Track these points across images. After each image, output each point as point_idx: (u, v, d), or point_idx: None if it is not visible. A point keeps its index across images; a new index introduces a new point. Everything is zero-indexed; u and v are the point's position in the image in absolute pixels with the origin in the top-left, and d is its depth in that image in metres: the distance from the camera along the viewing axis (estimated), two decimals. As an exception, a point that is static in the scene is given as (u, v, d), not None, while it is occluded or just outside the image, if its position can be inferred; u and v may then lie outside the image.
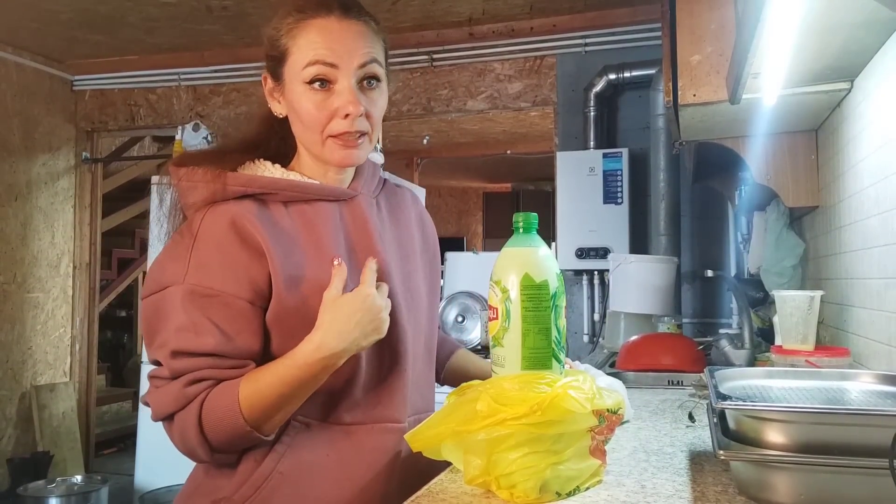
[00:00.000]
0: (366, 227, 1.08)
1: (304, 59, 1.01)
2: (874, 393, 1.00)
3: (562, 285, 0.96)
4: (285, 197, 1.04)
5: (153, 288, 1.00)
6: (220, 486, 1.01)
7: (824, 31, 1.32)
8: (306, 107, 1.02)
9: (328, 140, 1.03)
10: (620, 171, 3.41)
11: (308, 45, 1.01)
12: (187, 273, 0.97)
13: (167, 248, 1.03)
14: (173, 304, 0.96)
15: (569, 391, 0.85)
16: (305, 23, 1.02)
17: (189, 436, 0.95)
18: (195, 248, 0.98)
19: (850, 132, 1.70)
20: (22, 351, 4.14)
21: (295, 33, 1.02)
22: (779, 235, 2.34)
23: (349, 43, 1.01)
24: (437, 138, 5.80)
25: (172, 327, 0.96)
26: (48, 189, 4.33)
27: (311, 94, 1.01)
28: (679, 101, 1.74)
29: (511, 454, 0.85)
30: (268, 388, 0.94)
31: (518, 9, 3.56)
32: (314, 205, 1.05)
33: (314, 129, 1.03)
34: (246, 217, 0.99)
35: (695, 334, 3.20)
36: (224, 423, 0.93)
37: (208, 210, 1.01)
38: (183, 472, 1.09)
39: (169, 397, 0.96)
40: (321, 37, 1.01)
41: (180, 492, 1.09)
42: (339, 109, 1.01)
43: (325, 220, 1.05)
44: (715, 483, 0.95)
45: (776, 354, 1.59)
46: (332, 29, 1.01)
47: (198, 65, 4.23)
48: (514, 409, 0.84)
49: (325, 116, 1.01)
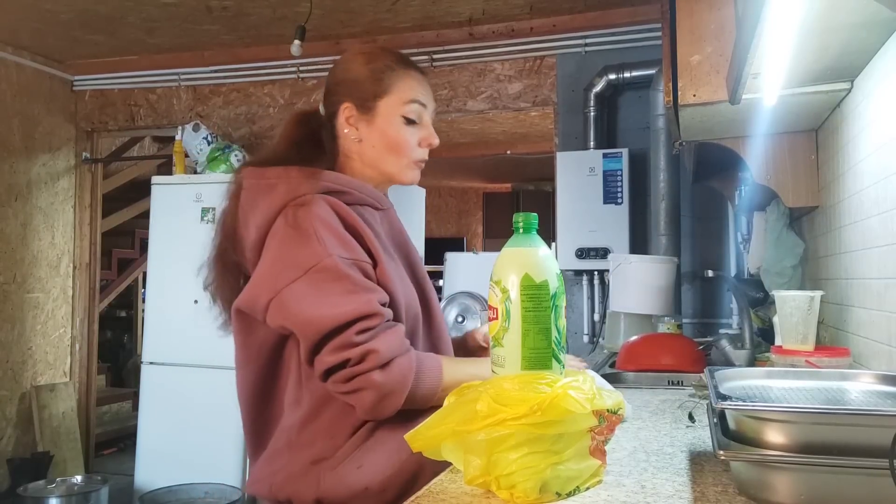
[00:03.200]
0: (401, 232, 1.32)
1: (406, 98, 1.27)
2: (874, 393, 1.00)
3: (562, 285, 0.96)
4: (353, 198, 1.23)
5: (297, 272, 1.11)
6: (318, 447, 1.16)
7: (824, 31, 1.32)
8: (403, 135, 1.27)
9: (410, 164, 1.29)
10: (620, 171, 3.41)
11: (409, 89, 1.27)
12: (325, 249, 1.12)
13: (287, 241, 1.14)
14: (331, 275, 1.11)
15: (569, 391, 0.85)
16: (405, 70, 1.28)
17: (404, 381, 1.10)
18: (317, 228, 1.13)
19: (850, 132, 1.70)
20: (22, 351, 4.14)
21: (395, 77, 1.27)
22: (779, 235, 2.33)
23: (430, 94, 1.31)
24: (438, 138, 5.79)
25: (344, 290, 1.10)
26: (48, 189, 4.33)
27: (406, 127, 1.27)
28: (679, 101, 1.74)
29: (511, 454, 0.85)
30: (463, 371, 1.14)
31: (518, 9, 3.56)
32: (366, 209, 1.25)
33: (404, 153, 1.27)
34: (340, 205, 1.18)
35: (695, 334, 3.20)
36: (430, 382, 1.12)
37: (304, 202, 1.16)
38: (183, 472, 1.11)
39: (393, 339, 1.11)
40: (418, 83, 1.29)
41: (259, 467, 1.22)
42: (424, 140, 1.29)
43: (376, 223, 1.26)
44: (715, 483, 0.95)
45: (776, 354, 1.59)
46: (422, 79, 1.30)
47: (198, 65, 4.23)
48: (514, 410, 0.84)
49: (414, 146, 1.28)
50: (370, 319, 1.09)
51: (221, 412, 3.38)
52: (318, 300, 1.10)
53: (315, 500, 1.15)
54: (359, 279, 1.12)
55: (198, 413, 3.53)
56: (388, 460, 1.14)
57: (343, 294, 1.10)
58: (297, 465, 1.17)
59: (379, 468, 1.14)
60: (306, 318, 1.09)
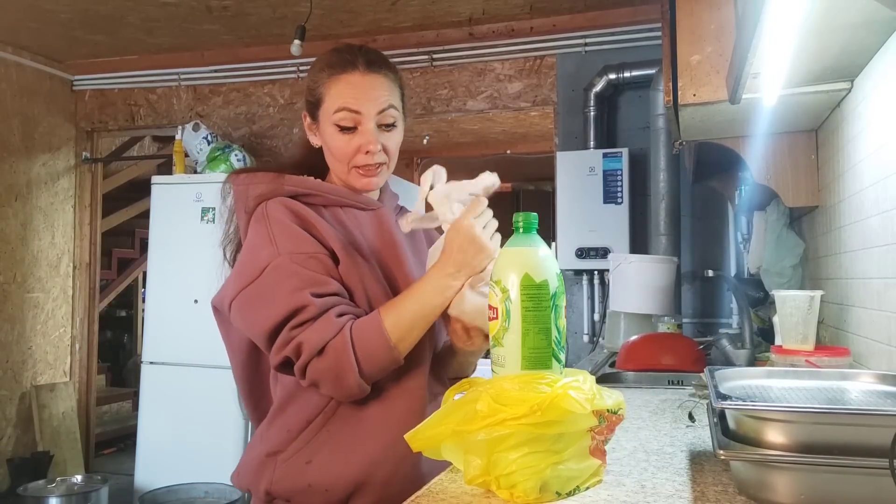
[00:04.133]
0: (390, 233, 1.29)
1: (335, 106, 1.24)
2: (874, 393, 1.00)
3: (562, 285, 0.96)
4: (325, 200, 1.25)
5: (253, 274, 1.15)
6: (273, 442, 1.19)
7: (824, 31, 1.32)
8: (336, 143, 1.25)
9: (353, 170, 1.26)
10: (620, 171, 3.41)
11: (337, 96, 1.24)
12: (279, 248, 1.15)
13: (249, 243, 1.20)
14: (281, 273, 1.13)
15: (569, 391, 0.85)
16: (336, 77, 1.24)
17: (344, 360, 1.09)
18: (272, 228, 1.17)
19: (849, 132, 1.70)
20: (22, 351, 4.14)
21: (329, 85, 1.25)
22: (779, 235, 2.33)
23: (374, 92, 1.24)
24: (437, 138, 5.80)
25: (293, 286, 1.11)
26: (48, 189, 4.33)
27: (339, 134, 1.25)
28: (679, 101, 1.73)
29: (511, 454, 0.85)
30: (407, 310, 1.12)
31: (518, 9, 3.56)
32: (347, 210, 1.27)
33: (342, 161, 1.26)
34: (298, 204, 1.21)
35: (695, 334, 3.20)
36: (373, 346, 1.10)
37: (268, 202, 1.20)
38: (183, 472, 1.12)
39: (324, 327, 1.10)
40: (350, 89, 1.24)
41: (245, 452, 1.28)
42: (362, 146, 1.24)
43: (357, 224, 1.26)
44: (715, 483, 0.95)
45: (776, 354, 1.59)
46: (357, 83, 1.24)
47: (198, 65, 4.23)
48: (514, 409, 0.84)
49: (351, 152, 1.25)
50: (302, 313, 1.10)
51: (221, 412, 3.38)
52: (260, 304, 1.13)
53: (265, 491, 1.18)
54: (307, 274, 1.13)
55: (198, 413, 3.52)
56: (336, 460, 1.16)
57: (288, 293, 1.11)
58: (258, 457, 1.21)
59: (325, 467, 1.15)
60: (252, 322, 1.15)
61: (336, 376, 1.10)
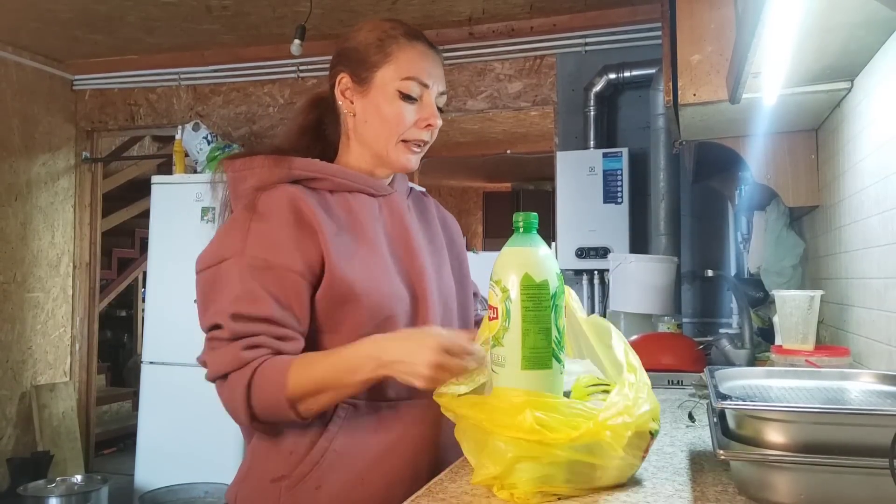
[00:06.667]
0: (402, 220, 1.20)
1: (403, 73, 1.15)
2: (874, 393, 1.00)
3: (562, 285, 0.96)
4: (333, 185, 1.15)
5: (211, 261, 1.08)
6: (276, 466, 1.09)
7: (824, 30, 1.32)
8: (395, 111, 1.15)
9: (400, 143, 1.17)
10: (620, 170, 3.40)
11: (409, 62, 1.16)
12: (246, 246, 1.06)
13: (225, 225, 1.12)
14: (231, 275, 1.05)
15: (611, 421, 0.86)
16: (409, 43, 1.17)
17: (237, 397, 1.01)
18: (253, 224, 1.08)
19: (850, 132, 1.70)
20: (22, 351, 4.14)
21: (396, 48, 1.16)
22: (779, 235, 2.33)
23: (437, 71, 1.19)
24: (437, 138, 5.69)
25: (231, 295, 1.04)
26: (48, 189, 4.33)
27: (400, 102, 1.15)
28: (679, 100, 1.73)
29: (528, 467, 0.85)
30: (316, 373, 1.01)
31: (518, 8, 3.56)
32: (356, 196, 1.17)
33: (395, 131, 1.16)
34: (300, 197, 1.09)
35: (695, 334, 3.20)
36: (268, 394, 1.00)
37: (266, 190, 1.10)
38: (183, 472, 1.11)
39: (227, 357, 1.02)
40: (422, 59, 1.17)
41: (235, 478, 1.16)
42: (422, 119, 1.17)
43: (366, 210, 1.16)
44: (715, 483, 0.95)
45: (776, 354, 1.59)
46: (428, 54, 1.19)
47: (198, 65, 4.22)
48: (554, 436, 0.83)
49: (409, 122, 1.16)
50: (217, 331, 1.04)
51: (222, 412, 3.36)
52: (205, 298, 1.08)
53: None
54: (248, 288, 1.03)
55: (198, 413, 3.51)
56: (349, 482, 1.07)
57: (223, 301, 1.04)
58: (259, 482, 1.11)
59: (338, 491, 1.06)
60: (199, 310, 1.10)
61: (232, 409, 1.03)
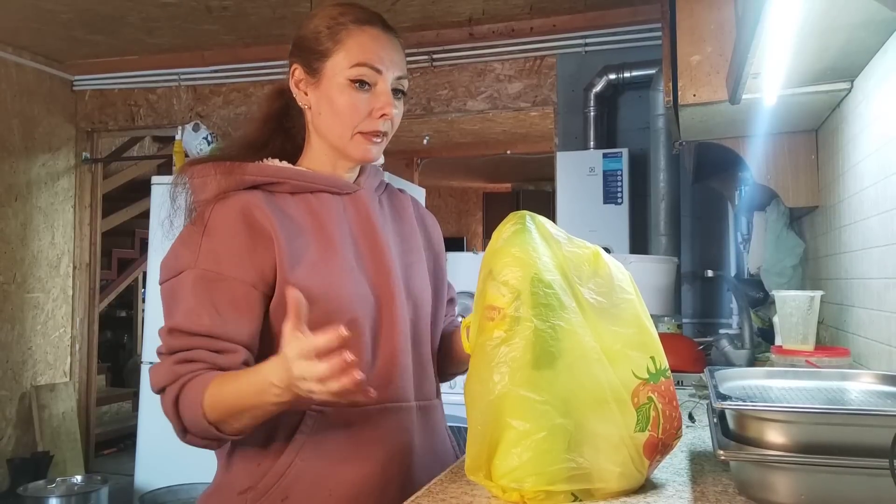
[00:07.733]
0: (369, 219, 1.14)
1: (353, 60, 1.08)
2: (874, 393, 1.00)
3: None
4: (292, 187, 1.11)
5: (168, 274, 1.06)
6: (242, 480, 1.06)
7: (824, 31, 1.32)
8: (346, 102, 1.09)
9: (356, 136, 1.10)
10: (620, 171, 3.40)
11: (358, 48, 1.09)
12: (198, 259, 1.03)
13: (180, 237, 1.08)
14: (184, 288, 1.02)
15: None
16: (358, 27, 1.09)
17: (169, 412, 0.99)
18: (205, 236, 1.04)
19: (850, 132, 1.70)
20: (22, 351, 4.14)
21: (345, 34, 1.09)
22: (779, 235, 2.33)
23: (394, 55, 1.11)
24: (437, 138, 5.79)
25: (182, 309, 1.01)
26: (48, 189, 4.33)
27: (352, 91, 1.09)
28: (679, 101, 1.73)
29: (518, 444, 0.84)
30: (227, 397, 0.95)
31: (518, 9, 3.56)
32: (319, 196, 1.12)
33: (348, 123, 1.10)
34: (255, 204, 1.05)
35: (695, 334, 3.20)
36: (191, 413, 0.97)
37: (219, 201, 1.07)
38: (183, 472, 1.10)
39: (162, 371, 1.01)
40: (372, 43, 1.09)
41: (206, 489, 1.13)
42: (377, 110, 1.09)
43: (330, 211, 1.11)
44: (715, 483, 0.95)
45: (776, 354, 1.59)
46: (380, 38, 1.10)
47: (198, 65, 4.23)
48: None
49: (363, 113, 1.09)
50: (163, 343, 1.03)
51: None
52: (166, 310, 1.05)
53: None
54: (197, 302, 1.00)
55: (198, 413, 3.52)
56: (316, 493, 1.03)
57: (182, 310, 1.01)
58: (227, 494, 1.07)
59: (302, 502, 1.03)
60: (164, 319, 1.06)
61: (172, 423, 1.00)
